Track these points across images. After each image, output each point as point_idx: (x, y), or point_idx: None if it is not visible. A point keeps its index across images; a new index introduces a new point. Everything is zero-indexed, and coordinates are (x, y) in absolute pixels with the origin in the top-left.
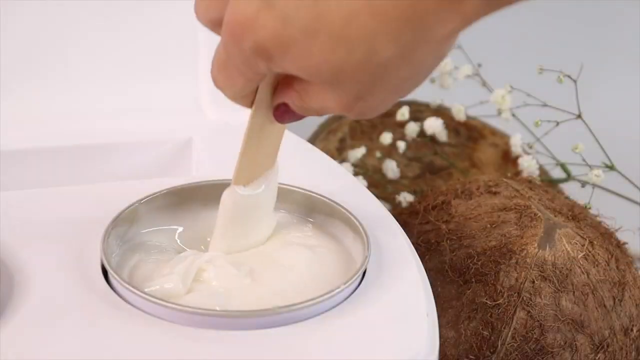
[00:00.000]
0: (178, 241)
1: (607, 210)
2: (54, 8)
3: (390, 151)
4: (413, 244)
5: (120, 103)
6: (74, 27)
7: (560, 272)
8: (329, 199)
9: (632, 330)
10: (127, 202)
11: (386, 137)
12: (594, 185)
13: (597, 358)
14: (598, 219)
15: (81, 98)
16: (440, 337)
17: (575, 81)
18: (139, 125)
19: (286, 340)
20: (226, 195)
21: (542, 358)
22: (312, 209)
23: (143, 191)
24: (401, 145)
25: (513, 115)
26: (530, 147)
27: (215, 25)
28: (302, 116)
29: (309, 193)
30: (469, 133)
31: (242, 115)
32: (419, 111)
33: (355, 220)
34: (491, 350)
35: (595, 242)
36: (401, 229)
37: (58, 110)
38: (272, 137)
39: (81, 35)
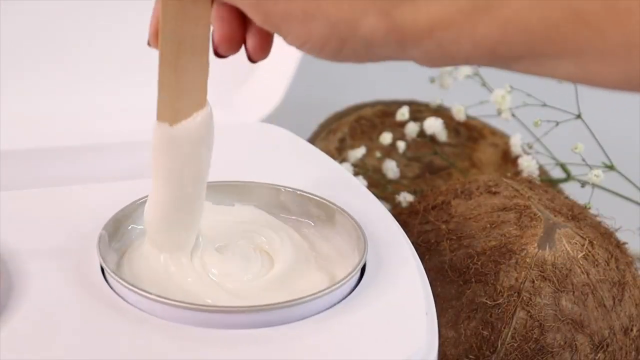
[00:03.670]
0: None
1: (607, 210)
2: (53, 8)
3: (390, 151)
4: (413, 244)
5: (120, 103)
6: (74, 27)
7: (560, 272)
8: (323, 199)
9: (632, 330)
10: (126, 202)
11: (386, 137)
12: (594, 185)
13: (597, 358)
14: (598, 219)
15: (81, 98)
16: (440, 336)
17: None
18: (139, 126)
19: (285, 339)
20: (153, 132)
21: (542, 358)
22: (307, 209)
23: (143, 191)
24: (401, 145)
25: (513, 115)
26: (530, 147)
27: None
28: None
29: (303, 193)
30: (469, 133)
31: (243, 115)
32: (419, 111)
33: (350, 219)
34: (491, 350)
35: (595, 242)
36: (401, 229)
37: (58, 110)
38: (191, 68)
39: (81, 35)
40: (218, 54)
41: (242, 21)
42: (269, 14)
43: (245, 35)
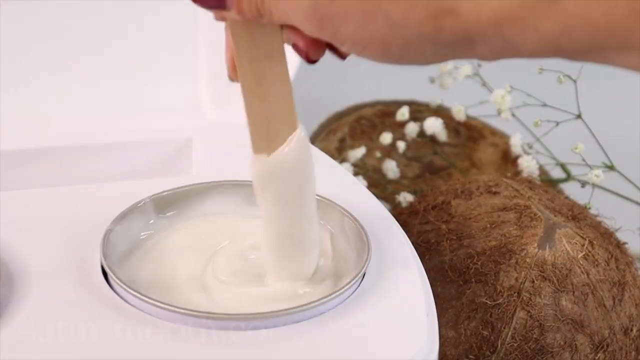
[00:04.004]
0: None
1: (607, 210)
2: (54, 8)
3: (390, 151)
4: (413, 244)
5: (120, 103)
6: (74, 27)
7: (560, 272)
8: (328, 200)
9: (631, 330)
10: (127, 202)
11: (386, 137)
12: (594, 185)
13: (597, 358)
14: (598, 219)
15: (81, 98)
16: (440, 337)
17: (575, 81)
18: (139, 125)
19: (287, 340)
20: (251, 167)
21: (542, 358)
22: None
23: (143, 191)
24: (401, 145)
25: (513, 115)
26: (530, 147)
27: None
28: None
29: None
30: (469, 133)
31: (242, 115)
32: (419, 111)
33: (355, 223)
34: (491, 350)
35: (595, 242)
36: (401, 229)
37: (58, 110)
38: (275, 93)
39: (81, 35)
40: (310, 60)
41: None
42: (325, 18)
43: None
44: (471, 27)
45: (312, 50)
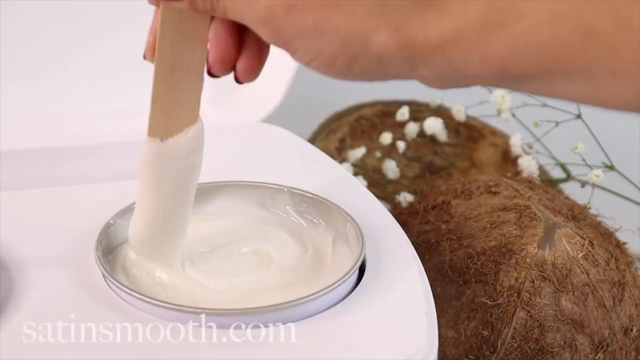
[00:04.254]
0: None
1: (607, 210)
2: (53, 9)
3: (390, 151)
4: (413, 244)
5: (120, 103)
6: (74, 27)
7: (560, 272)
8: (322, 198)
9: (631, 330)
10: (126, 203)
11: (386, 137)
12: (594, 185)
13: (597, 358)
14: (598, 219)
15: (81, 98)
16: (440, 337)
17: None
18: (139, 126)
19: (285, 338)
20: (144, 147)
21: (542, 358)
22: (306, 208)
23: None
24: (401, 145)
25: (513, 115)
26: (530, 147)
27: None
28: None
29: (303, 193)
30: (469, 133)
31: (243, 115)
32: (419, 111)
33: (349, 219)
34: (491, 350)
35: (595, 242)
36: (401, 229)
37: (58, 110)
38: (186, 84)
39: (81, 35)
40: (211, 74)
41: (237, 41)
42: (279, 29)
43: (238, 56)
44: (417, 47)
45: (218, 66)
